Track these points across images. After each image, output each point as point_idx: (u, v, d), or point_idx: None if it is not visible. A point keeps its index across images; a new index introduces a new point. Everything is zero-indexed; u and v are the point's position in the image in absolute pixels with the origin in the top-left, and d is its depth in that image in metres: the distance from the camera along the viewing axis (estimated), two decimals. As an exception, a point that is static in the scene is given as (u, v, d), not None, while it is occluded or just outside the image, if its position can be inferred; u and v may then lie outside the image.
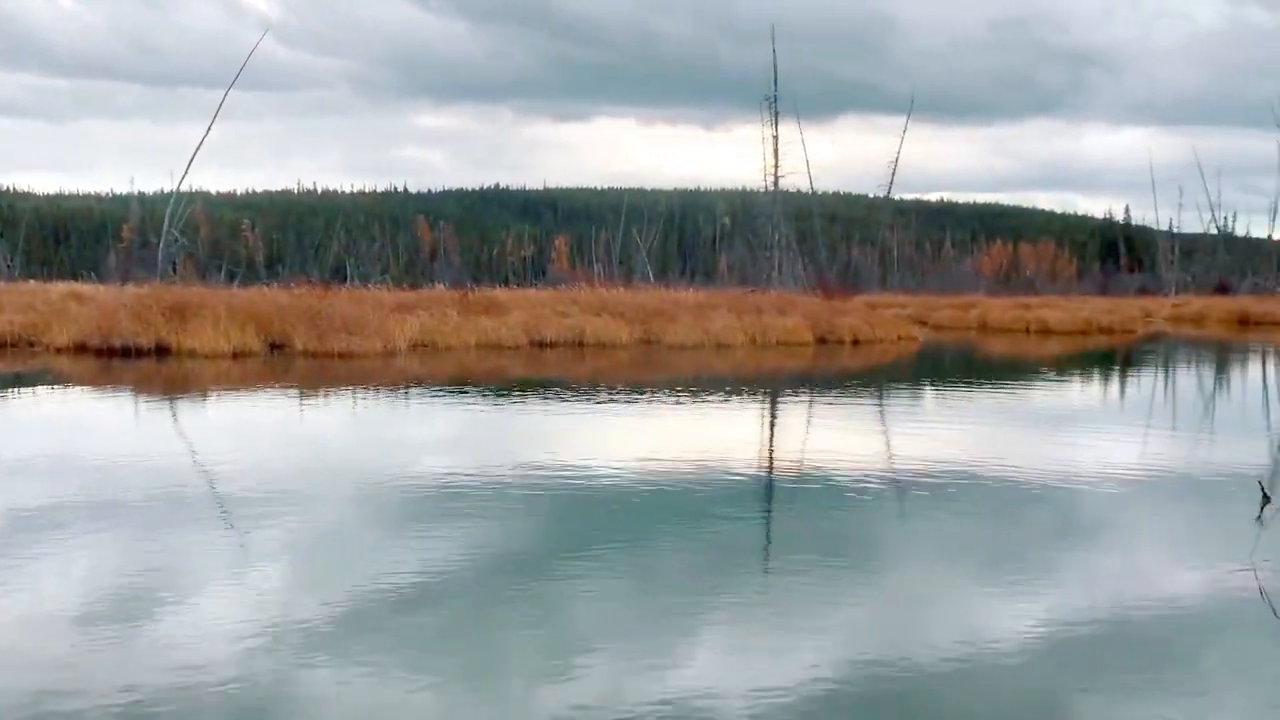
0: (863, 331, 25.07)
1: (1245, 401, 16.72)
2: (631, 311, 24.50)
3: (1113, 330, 32.27)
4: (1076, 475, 8.61)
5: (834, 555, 6.01)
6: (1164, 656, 4.43)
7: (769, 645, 4.51)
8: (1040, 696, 4.00)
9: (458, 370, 18.04)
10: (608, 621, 4.83)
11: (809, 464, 9.52)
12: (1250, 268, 65.52)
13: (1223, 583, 5.47)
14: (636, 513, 7.09)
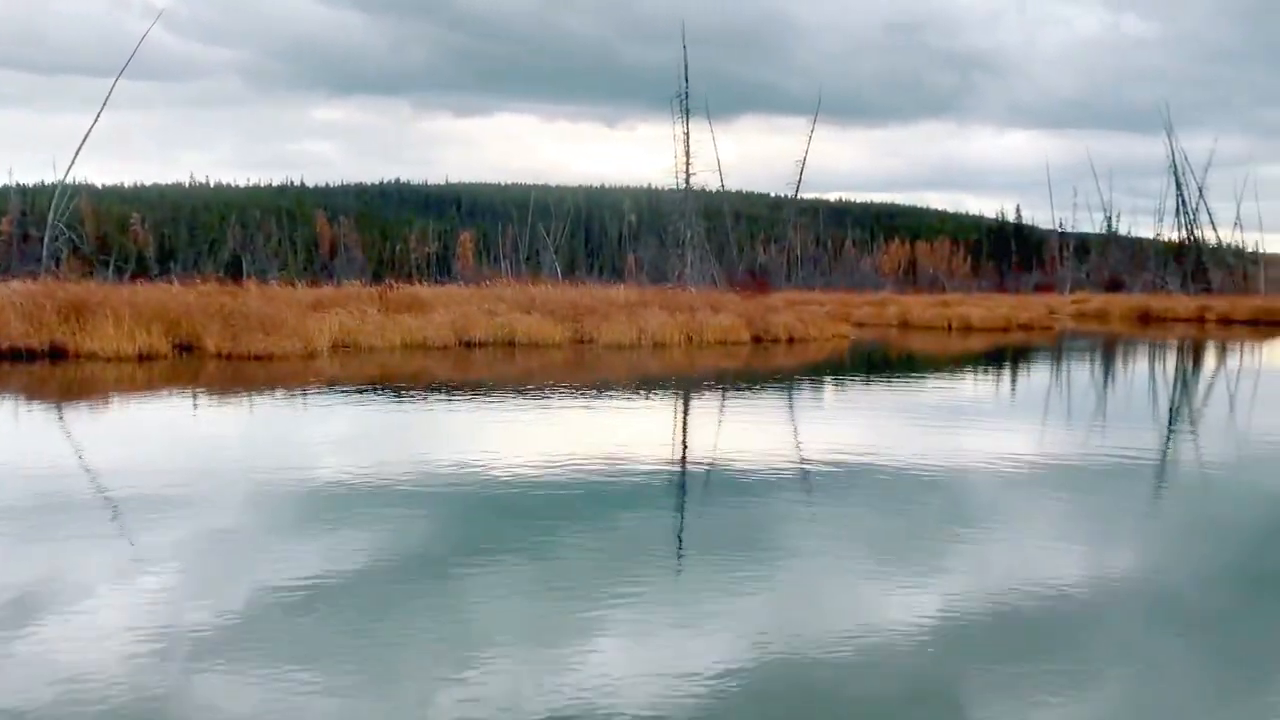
0: (797, 330, 24.63)
1: (1168, 393, 16.85)
2: (562, 309, 23.56)
3: (1032, 327, 32.70)
4: (991, 465, 8.90)
5: (742, 549, 6.00)
6: (1050, 640, 4.51)
7: (672, 639, 4.51)
8: (934, 680, 4.07)
9: (380, 372, 16.89)
10: (510, 620, 4.74)
11: (729, 461, 9.28)
12: (1135, 266, 67.94)
13: (1108, 567, 5.72)
14: (545, 511, 6.92)
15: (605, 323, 22.83)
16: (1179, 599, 5.24)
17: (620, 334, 22.36)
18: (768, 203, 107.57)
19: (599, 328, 22.74)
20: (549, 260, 65.66)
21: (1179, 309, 43.15)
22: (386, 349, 20.31)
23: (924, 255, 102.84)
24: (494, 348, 21.47)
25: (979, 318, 31.99)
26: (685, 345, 22.59)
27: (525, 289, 26.45)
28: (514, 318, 22.48)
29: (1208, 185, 63.88)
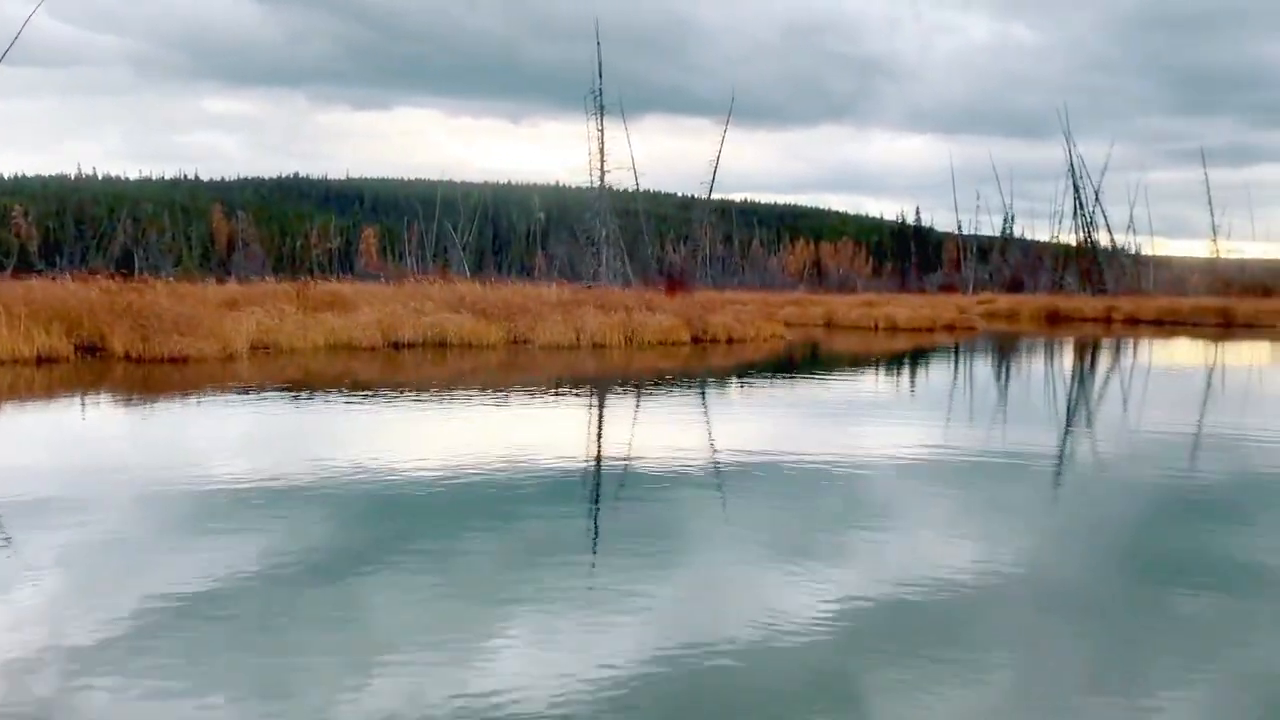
0: (736, 330, 24.08)
1: (1080, 390, 16.90)
2: (493, 309, 22.53)
3: (955, 327, 32.91)
4: (904, 461, 9.14)
5: (649, 547, 5.97)
6: (944, 629, 4.60)
7: (575, 639, 4.46)
8: (834, 672, 4.14)
9: (302, 375, 15.74)
10: (411, 624, 4.62)
11: (647, 460, 9.10)
12: (1032, 267, 69.77)
13: (1001, 558, 5.83)
14: (452, 513, 6.77)
15: (540, 323, 21.90)
16: (1066, 588, 5.39)
17: (558, 334, 21.46)
18: (675, 202, 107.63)
19: (534, 328, 21.80)
20: (457, 257, 64.32)
21: (1086, 309, 44.25)
22: (310, 350, 19.02)
23: (828, 256, 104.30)
24: (424, 349, 20.36)
25: (905, 318, 32.04)
26: (625, 346, 21.81)
27: (453, 287, 25.32)
28: (444, 317, 21.38)
29: (1102, 189, 65.84)
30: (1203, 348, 28.51)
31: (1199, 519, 7.12)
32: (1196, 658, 4.37)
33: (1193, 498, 7.88)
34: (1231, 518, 7.13)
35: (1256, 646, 4.54)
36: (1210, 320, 39.19)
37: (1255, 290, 56.78)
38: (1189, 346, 29.26)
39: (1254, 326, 37.75)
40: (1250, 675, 4.22)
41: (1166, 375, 21.13)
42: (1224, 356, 25.78)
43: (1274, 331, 35.99)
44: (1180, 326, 38.87)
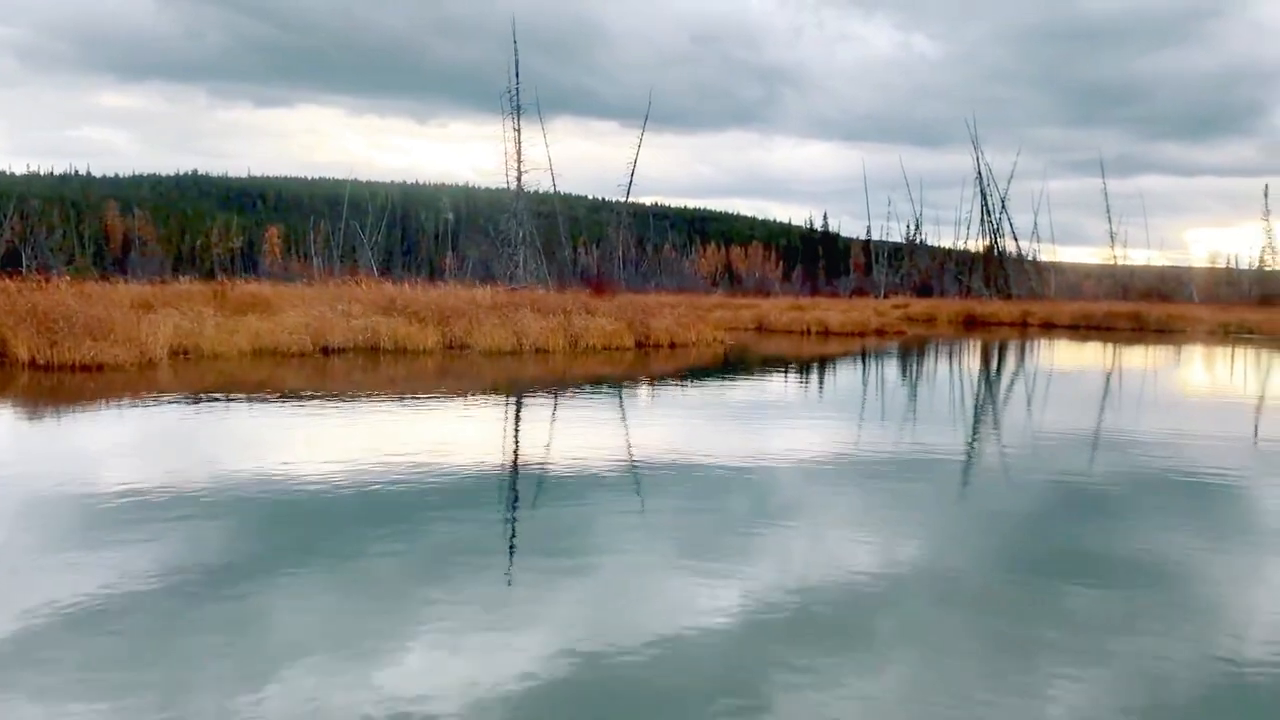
0: (678, 334, 23.43)
1: (1005, 392, 16.87)
2: (426, 311, 21.42)
3: (885, 331, 32.90)
4: (828, 461, 9.43)
5: (557, 550, 5.95)
6: (848, 626, 4.72)
7: (481, 644, 4.42)
8: (739, 670, 4.18)
9: (226, 382, 14.60)
10: (312, 632, 4.53)
11: (563, 465, 8.97)
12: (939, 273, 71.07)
13: (902, 557, 6.00)
14: (360, 519, 6.62)
15: (478, 327, 20.89)
16: (963, 583, 5.52)
17: (498, 339, 20.47)
18: (586, 204, 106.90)
19: (471, 332, 20.78)
20: (365, 257, 62.51)
21: (1001, 314, 44.98)
22: (234, 356, 17.67)
23: (738, 259, 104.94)
24: (356, 354, 19.16)
25: (838, 322, 31.86)
26: (569, 351, 20.95)
27: (383, 288, 24.10)
28: (375, 320, 20.20)
29: (1009, 197, 67.37)
30: (1115, 351, 29.08)
31: (1088, 515, 7.39)
32: (1084, 647, 4.51)
33: (1084, 495, 8.15)
34: (1118, 513, 7.45)
35: (1139, 635, 4.72)
36: (1123, 325, 40.17)
37: (1151, 295, 58.86)
38: (1102, 350, 29.78)
39: (1165, 331, 38.82)
40: (1133, 663, 4.37)
41: (1075, 378, 21.41)
42: (1133, 360, 26.36)
43: (1184, 336, 37.04)
44: (1095, 331, 39.75)
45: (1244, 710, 4.01)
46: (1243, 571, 5.97)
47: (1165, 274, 69.70)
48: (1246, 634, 4.78)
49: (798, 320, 32.75)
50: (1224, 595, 5.47)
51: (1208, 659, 4.43)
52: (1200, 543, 6.59)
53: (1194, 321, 39.21)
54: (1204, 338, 36.21)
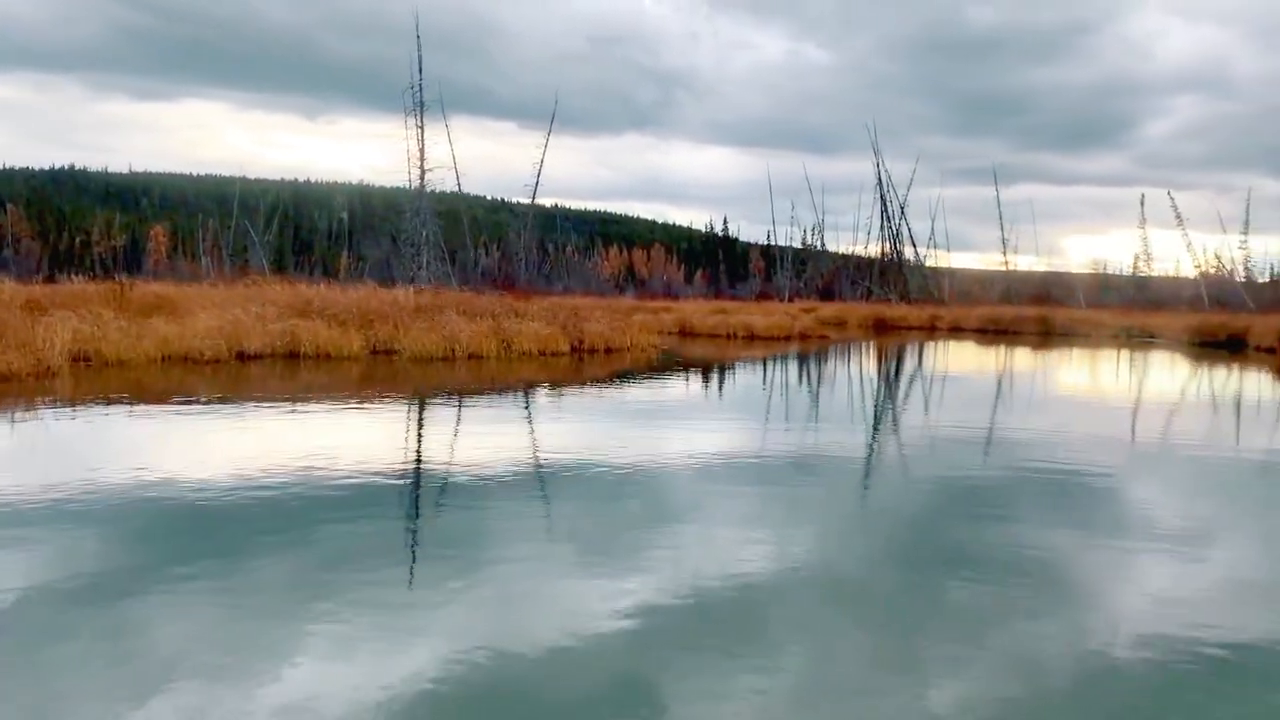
0: (613, 339, 22.58)
1: (920, 392, 16.86)
2: (346, 314, 20.08)
3: (809, 335, 32.69)
4: (733, 461, 9.54)
5: (452, 555, 5.88)
6: (740, 625, 4.75)
7: (371, 652, 4.33)
8: (634, 672, 4.18)
9: (133, 390, 13.24)
10: (197, 643, 4.37)
11: (465, 469, 8.71)
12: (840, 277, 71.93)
13: (793, 556, 6.08)
14: (253, 530, 6.36)
15: (404, 330, 19.67)
16: (852, 581, 5.63)
17: (429, 344, 19.28)
18: (485, 205, 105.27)
19: (398, 336, 19.55)
20: (257, 257, 60.06)
21: (911, 318, 45.47)
22: (142, 363, 16.12)
23: (640, 262, 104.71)
24: (275, 360, 17.76)
25: (763, 326, 31.46)
26: (503, 356, 19.88)
27: (298, 289, 22.60)
28: (294, 324, 18.79)
29: (908, 203, 68.59)
30: (1022, 355, 29.51)
31: (975, 512, 7.58)
32: (966, 639, 4.65)
33: (973, 492, 8.39)
34: (1002, 510, 7.67)
35: (1017, 626, 4.87)
36: (1031, 329, 40.98)
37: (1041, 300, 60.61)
38: (1010, 354, 30.16)
39: (1070, 335, 39.74)
40: (1012, 653, 4.51)
41: (980, 380, 21.54)
42: (1038, 362, 26.81)
43: (1089, 340, 37.96)
44: (1003, 335, 40.44)
45: (1115, 694, 4.14)
46: (1113, 563, 6.22)
47: (1048, 279, 71.89)
48: (1116, 622, 4.99)
49: (722, 324, 32.25)
50: (1096, 586, 5.72)
51: (1081, 647, 4.59)
52: (1076, 536, 6.82)
53: (1098, 325, 40.24)
54: (1108, 341, 37.16)
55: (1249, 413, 15.78)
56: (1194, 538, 6.99)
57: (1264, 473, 10.20)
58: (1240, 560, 6.47)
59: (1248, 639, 4.73)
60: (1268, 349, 29.57)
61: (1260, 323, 32.53)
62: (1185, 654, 4.52)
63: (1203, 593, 5.56)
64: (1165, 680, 4.26)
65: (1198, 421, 14.53)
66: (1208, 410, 16.13)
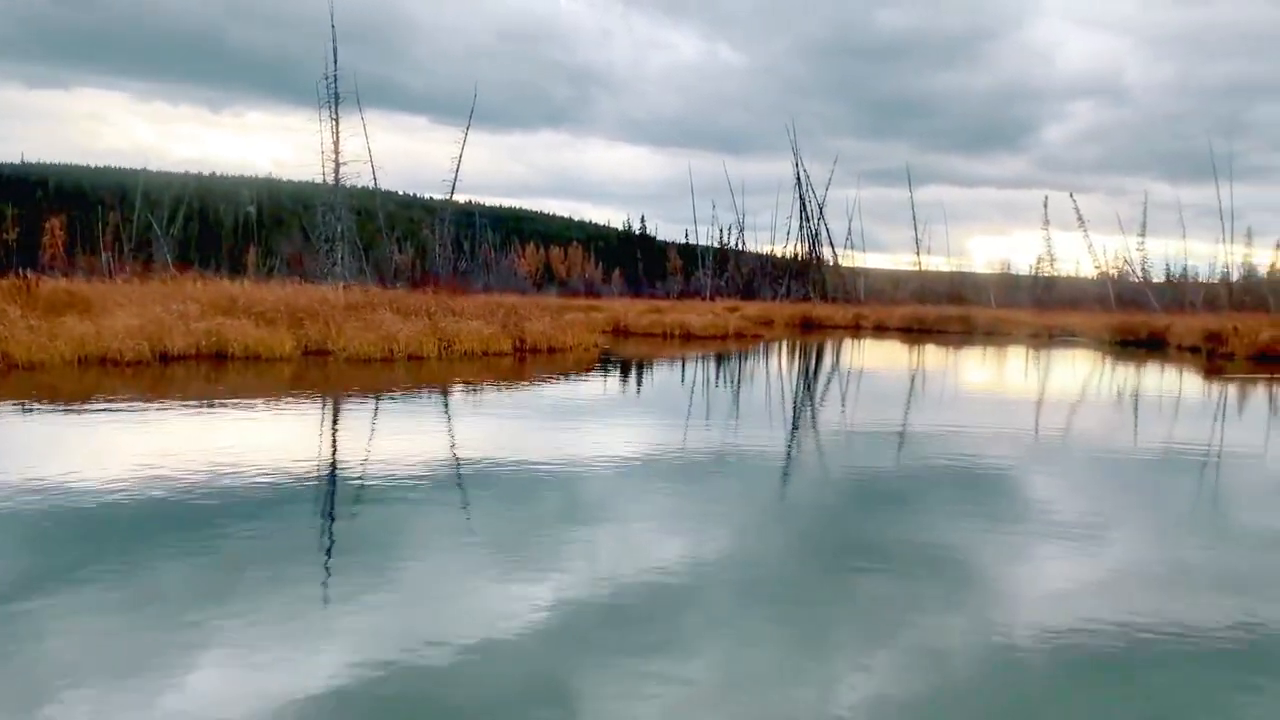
0: (556, 339, 21.88)
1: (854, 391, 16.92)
2: (274, 312, 18.99)
3: (744, 334, 32.44)
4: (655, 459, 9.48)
5: (364, 556, 5.73)
6: (655, 621, 4.74)
7: (280, 656, 4.18)
8: (548, 672, 4.11)
9: (42, 394, 12.15)
10: (95, 651, 4.18)
11: (384, 471, 8.46)
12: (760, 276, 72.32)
13: (710, 552, 6.11)
14: (154, 534, 6.10)
15: (338, 330, 18.67)
16: (765, 576, 5.66)
17: (364, 344, 18.31)
18: (396, 200, 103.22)
19: (332, 336, 18.54)
20: (161, 252, 57.62)
21: (836, 317, 45.70)
22: (57, 365, 14.89)
23: (557, 260, 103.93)
24: (200, 362, 16.62)
25: (700, 326, 31.06)
26: (445, 357, 19.02)
27: (221, 286, 21.38)
28: (220, 323, 17.65)
29: (826, 204, 69.24)
30: (951, 354, 29.89)
31: (885, 508, 7.73)
32: (874, 629, 4.76)
33: (882, 488, 8.53)
34: (911, 505, 7.79)
35: (924, 616, 4.97)
36: (954, 328, 41.52)
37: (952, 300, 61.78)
38: (935, 352, 30.63)
39: (992, 334, 40.37)
40: (918, 642, 4.60)
41: (902, 377, 21.78)
42: (960, 360, 27.34)
43: (1010, 338, 38.61)
44: (927, 334, 40.89)
45: (1018, 679, 4.25)
46: (1015, 553, 6.38)
47: (955, 279, 73.38)
48: (1018, 610, 5.14)
49: (657, 323, 31.75)
50: (999, 575, 5.90)
51: (985, 635, 4.71)
52: (980, 528, 6.99)
53: (1019, 325, 40.97)
54: (1030, 340, 37.83)
55: (1173, 410, 15.92)
56: (1101, 528, 7.25)
57: (1173, 466, 10.43)
58: (1135, 549, 6.72)
59: (1141, 623, 4.92)
60: (1190, 348, 30.37)
61: (1181, 322, 33.44)
62: (1081, 639, 4.67)
63: (1098, 580, 5.77)
64: (1062, 665, 4.40)
65: (1132, 419, 14.66)
66: (1141, 407, 16.23)
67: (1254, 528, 7.48)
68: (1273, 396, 18.51)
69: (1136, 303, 57.19)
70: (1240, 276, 59.23)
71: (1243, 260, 58.98)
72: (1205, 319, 33.84)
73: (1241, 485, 9.58)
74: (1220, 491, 9.27)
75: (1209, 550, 6.68)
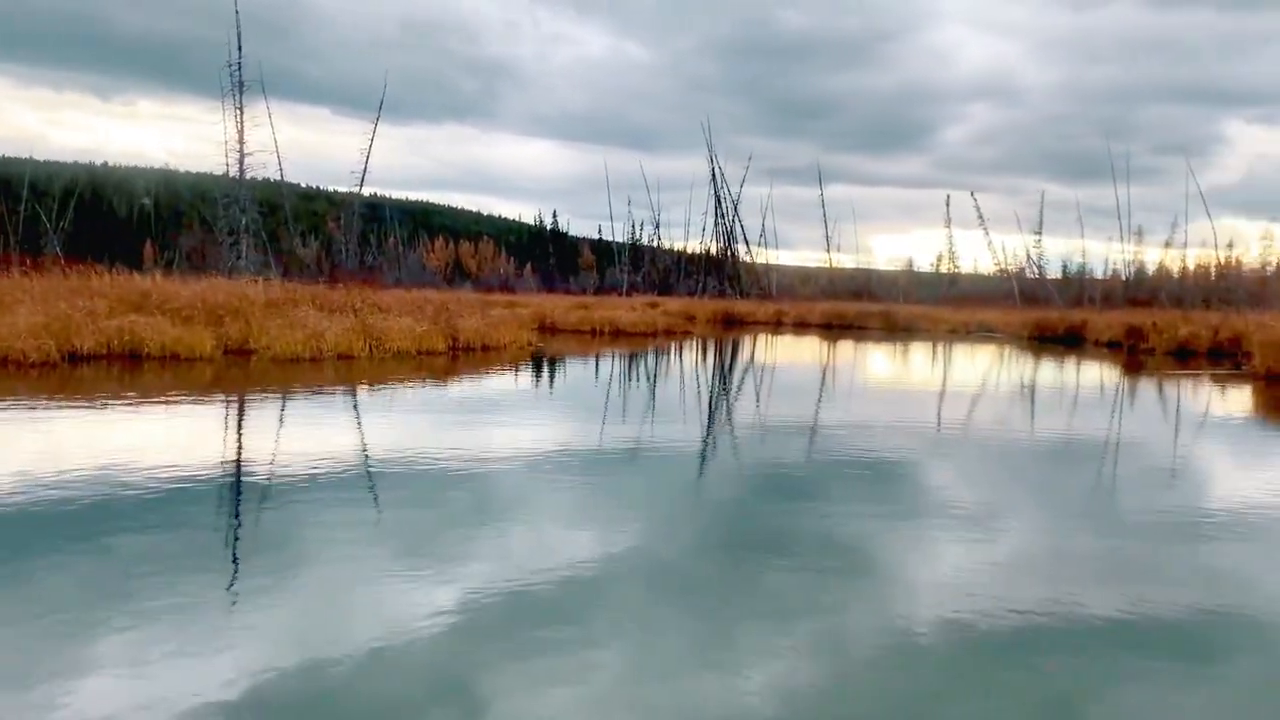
0: (490, 337, 21.06)
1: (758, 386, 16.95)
2: (191, 309, 17.79)
3: (673, 331, 32.01)
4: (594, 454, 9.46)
5: (260, 560, 5.52)
6: (564, 617, 4.69)
7: (170, 666, 3.99)
8: (453, 671, 4.07)
9: None
10: None
11: (286, 472, 8.06)
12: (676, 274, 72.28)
13: (615, 544, 6.10)
14: (35, 540, 5.78)
15: (260, 328, 17.57)
16: (672, 567, 5.69)
17: (290, 343, 17.25)
18: (297, 193, 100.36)
19: (254, 334, 17.44)
20: (51, 245, 54.73)
21: (758, 313, 45.73)
22: (-50, 367, 13.56)
23: (467, 255, 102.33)
24: (113, 362, 15.40)
25: (629, 322, 30.51)
26: (378, 356, 18.06)
27: (132, 280, 19.97)
28: (132, 320, 16.41)
29: (741, 200, 69.43)
30: (876, 349, 30.17)
31: (798, 500, 7.75)
32: (780, 619, 4.79)
33: (798, 482, 8.57)
34: (814, 495, 7.92)
35: (827, 604, 5.07)
36: (874, 324, 41.86)
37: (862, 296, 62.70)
38: (857, 348, 30.84)
39: (911, 330, 40.81)
40: (822, 629, 4.70)
41: (819, 373, 21.77)
42: (896, 356, 27.47)
43: (928, 334, 39.09)
44: (848, 330, 41.15)
45: (917, 662, 4.33)
46: (913, 541, 6.53)
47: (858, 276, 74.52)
48: (919, 596, 5.25)
49: (585, 320, 31.10)
50: (898, 563, 6.00)
51: (887, 620, 4.82)
52: (880, 517, 7.15)
53: (938, 321, 41.53)
54: (950, 336, 38.34)
55: (1095, 403, 16.03)
56: (1005, 518, 7.46)
57: (1084, 458, 10.73)
58: (1026, 537, 6.88)
59: (1028, 607, 5.05)
60: (1108, 343, 31.05)
61: (1097, 318, 34.21)
62: (978, 623, 4.79)
63: (991, 566, 5.94)
64: (959, 648, 4.50)
65: (1057, 413, 14.73)
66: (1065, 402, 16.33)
67: (1150, 516, 7.64)
68: (1196, 392, 18.83)
69: (1040, 298, 58.84)
70: (1131, 274, 61.54)
71: (1133, 258, 61.25)
72: (1124, 314, 34.73)
73: (1142, 475, 9.76)
74: (1122, 482, 9.43)
75: (1104, 538, 6.84)
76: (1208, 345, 26.33)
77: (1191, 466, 10.44)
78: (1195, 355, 26.14)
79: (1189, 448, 11.63)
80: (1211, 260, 59.10)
